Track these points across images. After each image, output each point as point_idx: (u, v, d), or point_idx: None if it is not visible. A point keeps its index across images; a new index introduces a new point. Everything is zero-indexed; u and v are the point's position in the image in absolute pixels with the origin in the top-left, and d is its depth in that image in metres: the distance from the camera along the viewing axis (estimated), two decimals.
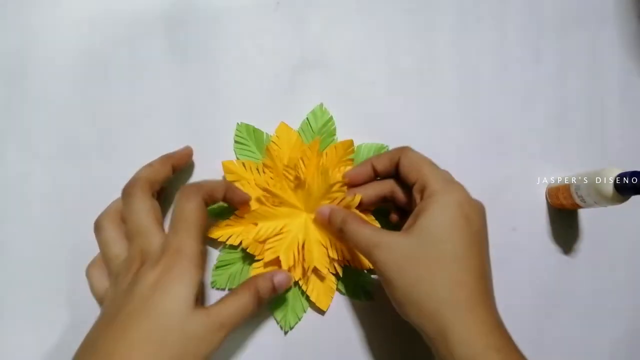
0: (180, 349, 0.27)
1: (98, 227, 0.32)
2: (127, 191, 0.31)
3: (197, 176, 0.37)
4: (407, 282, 0.28)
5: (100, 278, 0.32)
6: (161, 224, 0.31)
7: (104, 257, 0.31)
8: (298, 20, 0.38)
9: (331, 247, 0.35)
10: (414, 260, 0.28)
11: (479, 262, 0.29)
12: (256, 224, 0.35)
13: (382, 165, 0.34)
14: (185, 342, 0.27)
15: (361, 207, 0.35)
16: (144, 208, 0.30)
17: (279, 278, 0.32)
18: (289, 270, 0.35)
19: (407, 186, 0.33)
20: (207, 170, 0.37)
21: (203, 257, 0.30)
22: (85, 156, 0.37)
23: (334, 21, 0.38)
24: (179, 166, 0.35)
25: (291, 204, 0.36)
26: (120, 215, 0.32)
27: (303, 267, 0.35)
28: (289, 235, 0.35)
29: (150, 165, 0.33)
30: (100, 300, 0.31)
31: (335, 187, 0.35)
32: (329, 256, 0.35)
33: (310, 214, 0.36)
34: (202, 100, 0.37)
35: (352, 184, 0.35)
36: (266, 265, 0.35)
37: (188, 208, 0.29)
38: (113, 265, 0.31)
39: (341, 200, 0.35)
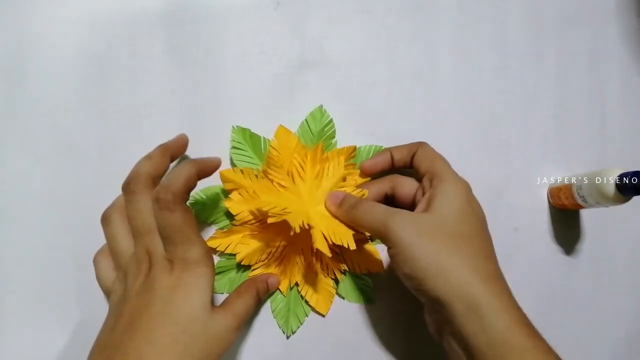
0: (205, 350, 0.28)
1: (106, 220, 0.32)
2: (130, 188, 0.30)
3: None
4: (427, 254, 0.28)
5: (107, 268, 0.32)
6: None
7: (112, 251, 0.32)
8: (298, 20, 0.38)
9: (334, 235, 0.33)
10: (432, 233, 0.29)
11: (490, 245, 0.31)
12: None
13: (400, 155, 0.35)
14: (208, 342, 0.28)
15: None
16: (148, 206, 0.30)
17: (271, 280, 0.35)
18: (298, 230, 0.31)
19: (408, 182, 0.35)
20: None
21: (210, 254, 0.30)
22: (85, 156, 0.36)
23: (334, 21, 0.38)
24: (176, 156, 0.35)
25: (293, 192, 0.35)
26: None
27: (308, 242, 0.33)
28: (293, 212, 0.33)
29: (149, 157, 0.32)
30: (107, 290, 0.32)
31: (348, 178, 0.36)
32: (320, 260, 0.36)
33: (313, 207, 0.35)
34: (202, 100, 0.37)
35: (369, 173, 0.36)
36: (268, 223, 0.33)
37: (176, 220, 0.28)
38: (121, 260, 0.31)
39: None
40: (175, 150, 0.34)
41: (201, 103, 0.37)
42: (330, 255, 0.34)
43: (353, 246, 0.32)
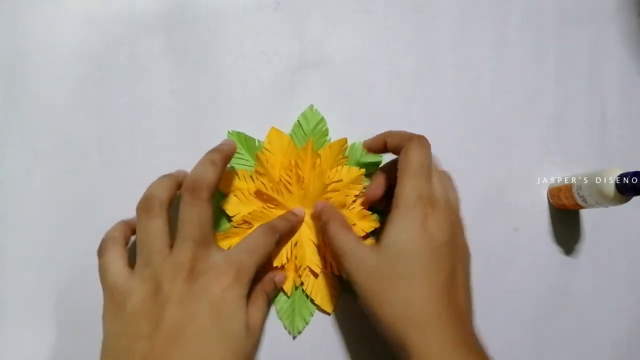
0: None
1: (153, 212, 0.29)
2: (197, 195, 0.29)
3: None
4: (370, 297, 0.29)
5: (119, 261, 0.29)
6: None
7: (146, 245, 0.29)
8: (298, 20, 0.38)
9: (325, 246, 0.35)
10: (377, 276, 0.29)
11: (440, 277, 0.29)
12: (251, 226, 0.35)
13: (391, 145, 0.33)
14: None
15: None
16: (208, 217, 0.29)
17: (278, 278, 0.35)
18: (282, 267, 0.35)
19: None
20: None
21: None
22: (85, 156, 0.36)
23: (334, 21, 0.38)
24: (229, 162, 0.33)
25: (286, 207, 0.36)
26: (169, 209, 0.30)
27: (295, 265, 0.35)
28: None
29: (214, 164, 0.30)
30: (114, 286, 0.29)
31: (331, 187, 0.35)
32: (323, 257, 0.36)
33: (306, 217, 0.36)
34: (202, 100, 0.37)
35: (370, 151, 0.35)
36: None
37: (266, 241, 0.31)
38: (154, 259, 0.28)
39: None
40: (231, 157, 0.33)
41: (201, 103, 0.37)
42: (318, 272, 0.36)
43: None
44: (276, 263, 0.35)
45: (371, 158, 0.37)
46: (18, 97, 0.36)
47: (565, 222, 0.40)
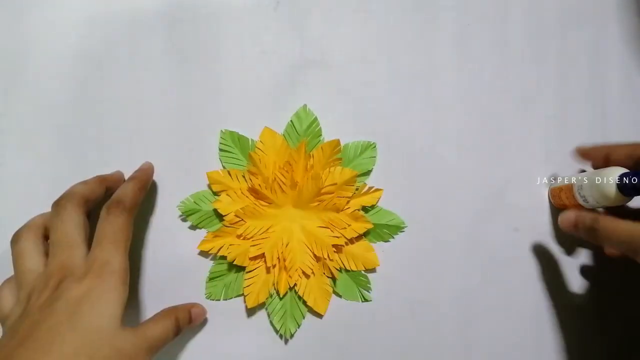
0: None
1: (16, 239, 0.31)
2: (60, 203, 0.30)
3: (197, 175, 0.37)
4: None
5: (9, 295, 0.30)
6: (88, 242, 0.30)
7: (17, 270, 0.30)
8: (298, 20, 0.38)
9: (316, 247, 0.35)
10: None
11: None
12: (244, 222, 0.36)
13: (618, 157, 0.31)
14: (115, 358, 0.27)
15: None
16: (75, 221, 0.30)
17: (195, 310, 0.34)
18: (274, 267, 0.35)
19: None
20: (205, 170, 0.37)
21: (127, 275, 0.29)
22: (84, 156, 0.37)
23: (334, 21, 0.38)
24: (112, 189, 0.34)
25: (279, 205, 0.36)
26: (42, 230, 0.31)
27: (285, 266, 0.35)
28: (274, 235, 0.36)
29: (85, 182, 0.33)
30: (4, 319, 0.29)
31: (325, 190, 0.35)
32: (315, 257, 0.36)
33: (298, 218, 0.36)
34: (202, 100, 0.37)
35: (585, 158, 0.35)
36: (251, 260, 0.35)
37: (117, 223, 0.30)
38: (25, 280, 0.29)
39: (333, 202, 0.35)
40: (112, 183, 0.34)
41: (201, 103, 0.37)
42: (310, 273, 0.36)
43: (333, 257, 0.36)
44: (269, 262, 0.35)
45: (364, 161, 0.37)
46: (18, 96, 0.36)
47: None
